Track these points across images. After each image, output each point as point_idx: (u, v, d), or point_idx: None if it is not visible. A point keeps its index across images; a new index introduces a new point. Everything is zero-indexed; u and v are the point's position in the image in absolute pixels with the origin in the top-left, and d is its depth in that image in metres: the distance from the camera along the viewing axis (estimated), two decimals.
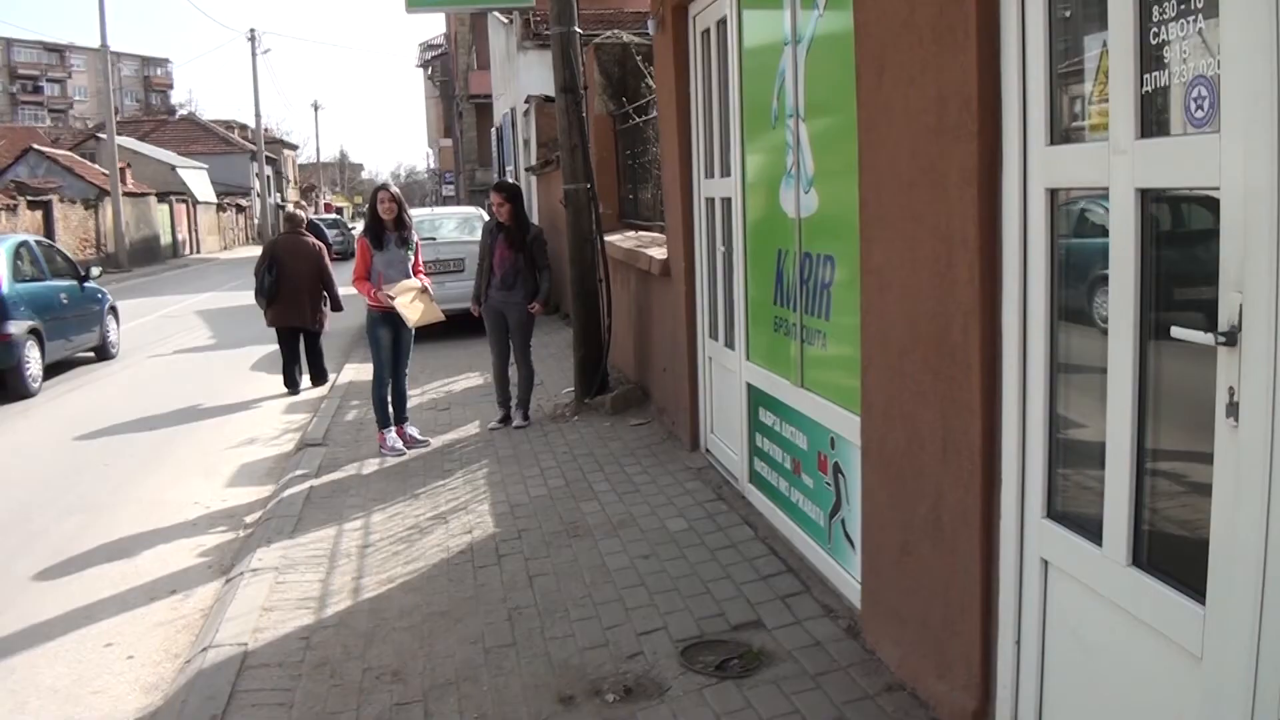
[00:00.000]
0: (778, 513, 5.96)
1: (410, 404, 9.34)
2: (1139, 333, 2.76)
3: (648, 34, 9.06)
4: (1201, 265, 2.58)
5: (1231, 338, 2.39)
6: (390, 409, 8.87)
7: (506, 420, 9.42)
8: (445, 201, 48.97)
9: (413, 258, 8.83)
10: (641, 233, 10.81)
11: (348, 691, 4.46)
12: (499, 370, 9.57)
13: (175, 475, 8.73)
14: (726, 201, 6.74)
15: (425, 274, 9.09)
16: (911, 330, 3.92)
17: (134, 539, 7.05)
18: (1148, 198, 2.73)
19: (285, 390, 12.34)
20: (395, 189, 9.04)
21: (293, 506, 7.20)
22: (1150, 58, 2.64)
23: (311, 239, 12.54)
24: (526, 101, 20.20)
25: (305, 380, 12.57)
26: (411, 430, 9.02)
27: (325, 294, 12.42)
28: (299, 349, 12.47)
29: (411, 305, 8.58)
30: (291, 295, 12.06)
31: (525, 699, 4.28)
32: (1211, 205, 2.49)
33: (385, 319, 8.63)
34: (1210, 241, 2.48)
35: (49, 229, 34.39)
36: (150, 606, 5.87)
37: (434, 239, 15.50)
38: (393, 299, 8.45)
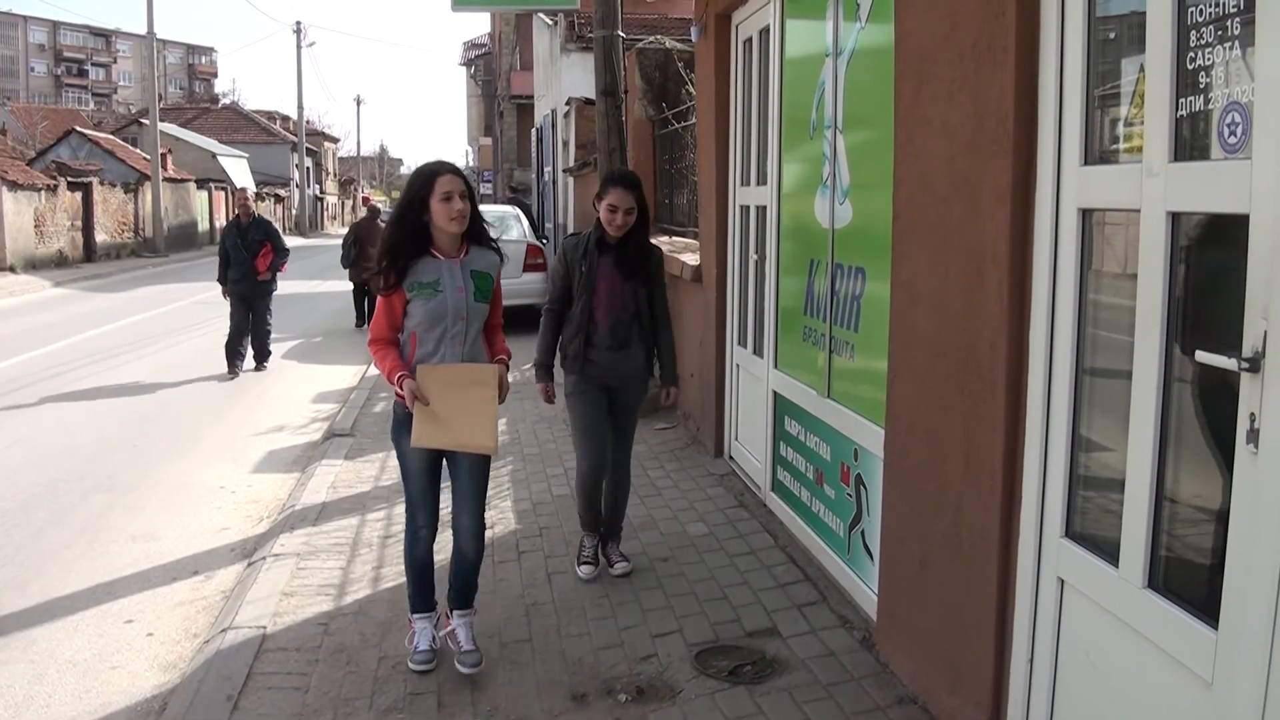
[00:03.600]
0: (798, 522, 5.96)
1: None
2: (1164, 355, 2.76)
3: (690, 40, 9.09)
4: (1229, 291, 2.58)
5: (1255, 364, 2.39)
6: (428, 581, 4.80)
7: (597, 558, 5.71)
8: (482, 200, 48.97)
9: (490, 300, 4.52)
10: (675, 238, 10.82)
11: (363, 679, 4.50)
12: (591, 482, 5.62)
13: (203, 459, 8.81)
14: (761, 210, 6.75)
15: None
16: (939, 345, 3.93)
17: (159, 519, 7.12)
18: (1179, 221, 2.74)
19: (355, 326, 17.27)
20: (465, 177, 4.47)
21: (317, 495, 7.26)
22: (1186, 82, 2.64)
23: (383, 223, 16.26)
24: (567, 103, 20.31)
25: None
26: (465, 623, 4.66)
27: None
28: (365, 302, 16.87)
29: (444, 405, 4.35)
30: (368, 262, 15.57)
31: (539, 695, 4.31)
32: (1241, 231, 2.49)
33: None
34: (1238, 267, 2.48)
35: (88, 211, 34.52)
36: (172, 586, 5.93)
37: None
38: (420, 401, 4.31)
